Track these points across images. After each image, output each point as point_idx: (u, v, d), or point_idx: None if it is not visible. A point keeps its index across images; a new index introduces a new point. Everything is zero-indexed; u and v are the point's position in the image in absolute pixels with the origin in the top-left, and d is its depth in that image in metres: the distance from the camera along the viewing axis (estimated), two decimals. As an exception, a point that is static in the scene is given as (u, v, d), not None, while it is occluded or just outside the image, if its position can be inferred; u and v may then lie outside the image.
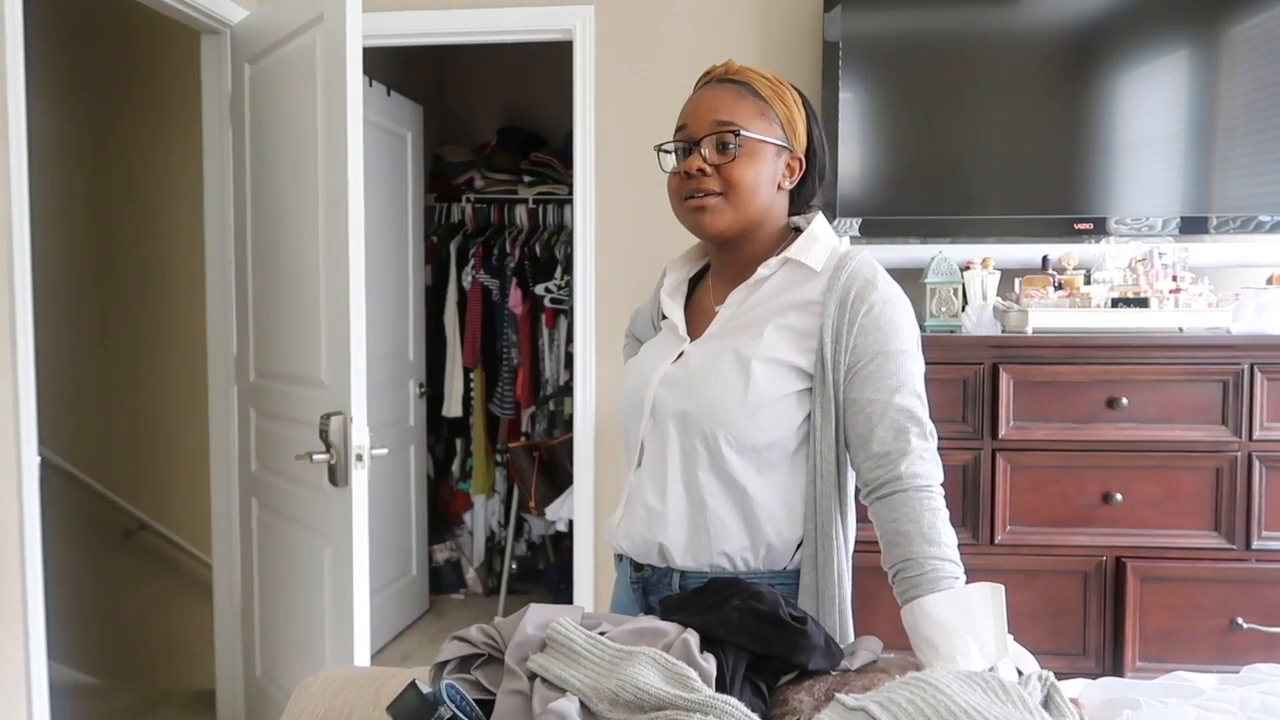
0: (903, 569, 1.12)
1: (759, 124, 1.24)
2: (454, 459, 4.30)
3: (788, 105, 1.27)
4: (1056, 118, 2.50)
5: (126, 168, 3.21)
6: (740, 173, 1.22)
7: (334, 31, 2.14)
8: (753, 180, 1.23)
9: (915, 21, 2.55)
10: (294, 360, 2.41)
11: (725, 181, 1.23)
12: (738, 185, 1.23)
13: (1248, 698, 1.13)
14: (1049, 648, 2.18)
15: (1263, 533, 2.16)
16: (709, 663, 0.99)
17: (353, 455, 2.13)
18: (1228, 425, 2.16)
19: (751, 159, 1.23)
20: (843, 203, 2.50)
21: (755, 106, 1.25)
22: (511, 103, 4.49)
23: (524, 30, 2.84)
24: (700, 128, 1.24)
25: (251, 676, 2.81)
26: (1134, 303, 2.21)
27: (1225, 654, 2.12)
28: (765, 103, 1.25)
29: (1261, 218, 2.41)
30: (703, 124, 1.24)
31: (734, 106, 1.24)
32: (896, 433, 1.16)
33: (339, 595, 2.23)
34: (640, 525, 1.27)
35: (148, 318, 3.22)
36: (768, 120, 1.25)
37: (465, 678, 1.04)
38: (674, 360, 1.29)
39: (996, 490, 2.20)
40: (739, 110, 1.24)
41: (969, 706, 0.75)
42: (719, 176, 1.23)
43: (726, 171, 1.23)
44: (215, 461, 2.87)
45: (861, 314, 1.18)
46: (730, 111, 1.23)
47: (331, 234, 2.19)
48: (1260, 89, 2.41)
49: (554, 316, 4.02)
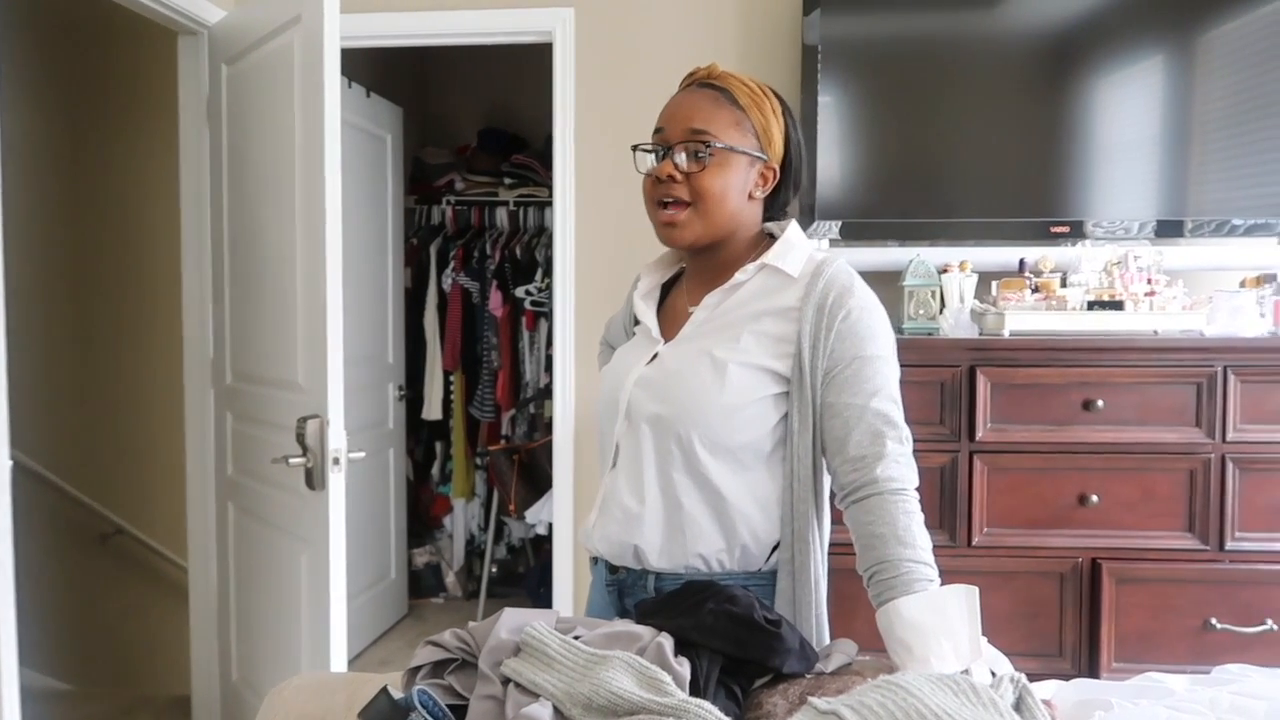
0: (878, 572, 1.13)
1: (733, 134, 1.24)
2: (434, 462, 4.28)
3: (765, 115, 1.27)
4: (1034, 122, 2.51)
5: (103, 169, 3.18)
6: (709, 183, 1.23)
7: (312, 32, 2.13)
8: (721, 190, 1.24)
9: (894, 26, 2.56)
10: (271, 363, 2.39)
11: (694, 191, 1.24)
12: (706, 195, 1.23)
13: (1218, 698, 1.14)
14: (1026, 649, 2.19)
15: (1236, 534, 2.18)
16: (683, 666, 0.99)
17: (330, 459, 2.11)
18: (1202, 427, 2.18)
19: (722, 169, 1.24)
20: (822, 206, 2.51)
21: (731, 115, 1.25)
22: (492, 105, 4.48)
23: (504, 32, 2.83)
24: (675, 133, 1.25)
25: (228, 682, 2.78)
26: (1110, 305, 2.23)
27: (1200, 655, 2.14)
28: (742, 111, 1.26)
29: (1235, 221, 2.43)
30: (678, 130, 1.25)
31: (710, 115, 1.24)
32: (873, 437, 1.17)
33: (316, 600, 2.21)
34: (616, 527, 1.27)
35: (124, 320, 3.19)
36: (742, 130, 1.25)
37: (438, 683, 1.04)
38: (648, 362, 1.29)
39: (974, 492, 2.21)
40: (714, 119, 1.24)
41: (940, 709, 0.76)
42: (689, 185, 1.24)
43: (696, 181, 1.23)
44: (192, 465, 2.84)
45: (839, 320, 1.20)
46: (705, 120, 1.24)
47: (309, 236, 2.18)
48: (1234, 94, 2.44)
49: (534, 319, 4.01)
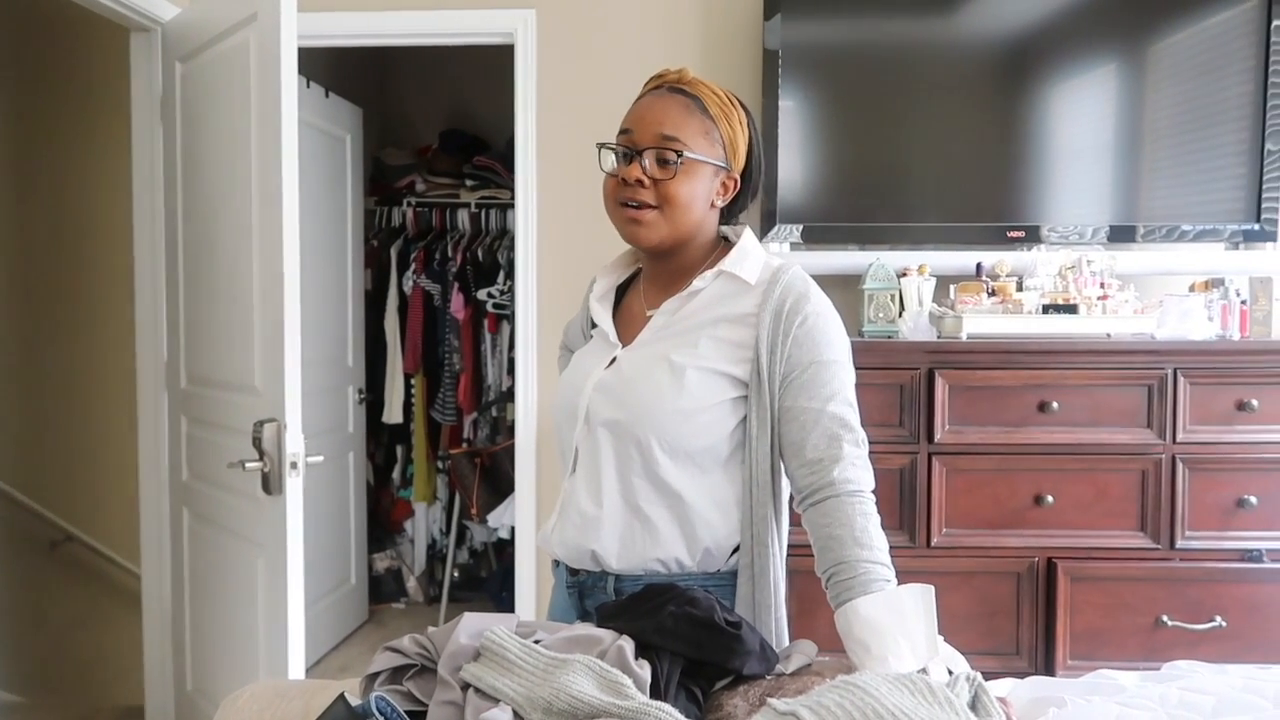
0: (836, 573, 1.14)
1: (702, 143, 1.25)
2: (395, 466, 4.24)
3: (733, 126, 1.28)
4: (990, 128, 2.55)
5: (54, 167, 3.11)
6: (677, 190, 1.23)
7: (268, 31, 2.10)
8: (688, 198, 1.24)
9: (854, 31, 2.59)
10: (227, 366, 2.36)
11: (661, 196, 1.23)
12: (673, 202, 1.24)
13: (1167, 694, 1.16)
14: (984, 647, 2.22)
15: (1186, 533, 2.23)
16: (644, 669, 0.99)
17: (287, 463, 2.09)
18: (1153, 428, 2.22)
19: (689, 177, 1.24)
20: (783, 210, 2.53)
21: (701, 125, 1.25)
22: (454, 106, 4.45)
23: (465, 33, 2.82)
24: (645, 137, 1.24)
25: (183, 691, 2.73)
26: (1064, 309, 2.27)
27: (1152, 651, 2.18)
28: (712, 121, 1.26)
29: (1184, 227, 2.49)
30: (647, 134, 1.24)
31: (681, 122, 1.24)
32: (829, 440, 1.18)
33: (273, 606, 2.18)
34: (574, 531, 1.27)
35: (75, 321, 3.12)
36: (710, 140, 1.26)
37: (397, 689, 1.03)
38: (606, 366, 1.29)
39: (933, 493, 2.24)
40: (685, 127, 1.24)
41: (896, 709, 0.76)
42: (656, 190, 1.23)
43: (664, 187, 1.23)
44: (145, 470, 2.79)
45: (795, 325, 1.21)
46: (676, 127, 1.23)
47: (266, 236, 2.15)
48: (1183, 102, 2.49)
49: (496, 322, 3.99)
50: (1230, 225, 2.48)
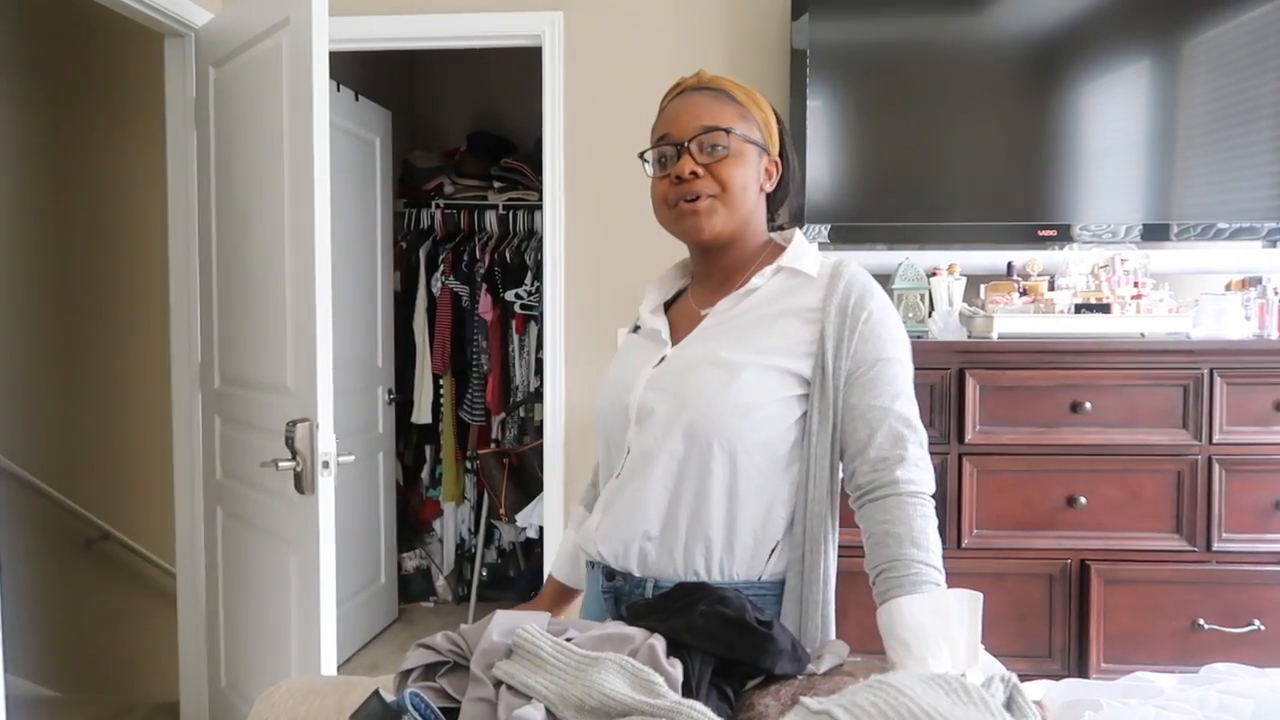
0: (886, 569, 1.12)
1: (742, 126, 1.25)
2: (423, 466, 4.27)
3: (763, 110, 1.29)
4: (1021, 126, 2.53)
5: (89, 171, 3.16)
6: (731, 172, 1.23)
7: (300, 35, 2.12)
8: (743, 180, 1.24)
9: (882, 30, 2.57)
10: (259, 366, 2.38)
11: (719, 181, 1.23)
12: (730, 184, 1.23)
13: (1206, 697, 1.15)
14: (1015, 650, 2.20)
15: (1223, 534, 2.19)
16: (675, 668, 0.99)
17: (319, 462, 2.11)
18: (1188, 429, 2.19)
19: (739, 159, 1.24)
20: (811, 209, 2.52)
21: (736, 110, 1.26)
22: (481, 108, 4.48)
23: (493, 36, 2.83)
24: (685, 132, 1.24)
25: (216, 687, 2.77)
26: (1097, 308, 2.25)
27: (1187, 655, 2.15)
28: (744, 107, 1.27)
29: (1220, 225, 2.45)
30: (688, 129, 1.24)
31: (717, 111, 1.25)
32: (894, 439, 1.17)
33: (305, 604, 2.20)
34: (621, 530, 1.25)
35: (110, 323, 3.17)
36: (749, 123, 1.27)
37: (430, 685, 1.03)
38: (656, 364, 1.28)
39: (963, 494, 2.22)
40: (722, 114, 1.25)
41: (931, 709, 0.76)
42: (711, 177, 1.23)
43: (718, 171, 1.23)
44: (179, 469, 2.83)
45: (861, 321, 1.20)
46: (714, 116, 1.24)
47: (298, 239, 2.17)
48: (1218, 99, 2.46)
49: (524, 323, 4.01)
50: (1267, 223, 2.44)
